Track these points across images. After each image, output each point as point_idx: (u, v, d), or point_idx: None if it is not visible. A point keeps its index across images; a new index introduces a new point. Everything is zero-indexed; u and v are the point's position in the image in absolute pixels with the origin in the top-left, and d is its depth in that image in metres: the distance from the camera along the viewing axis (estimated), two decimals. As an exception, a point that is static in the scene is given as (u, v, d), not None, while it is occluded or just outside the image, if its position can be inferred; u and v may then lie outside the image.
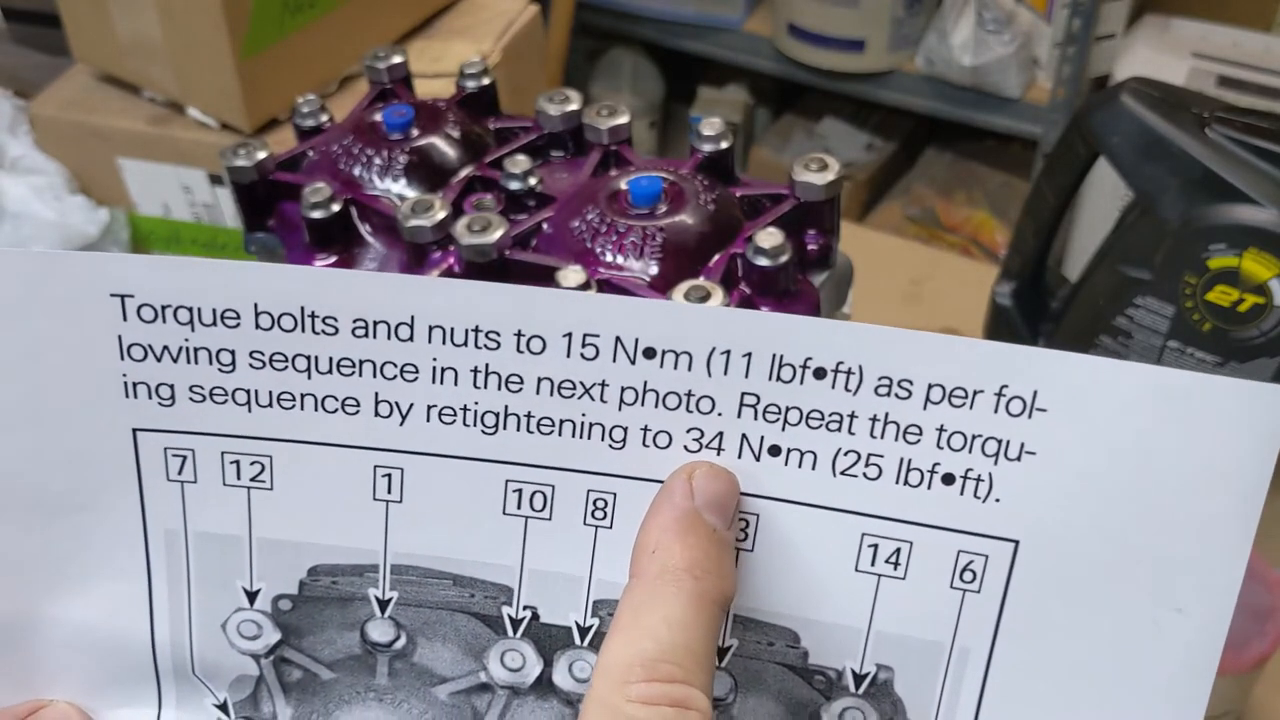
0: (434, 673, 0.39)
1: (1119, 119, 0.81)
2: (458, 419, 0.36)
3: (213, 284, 0.35)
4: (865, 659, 0.36)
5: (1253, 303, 0.77)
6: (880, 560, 0.35)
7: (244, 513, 0.38)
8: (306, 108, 0.65)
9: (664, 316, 0.34)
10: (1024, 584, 0.34)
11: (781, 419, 0.34)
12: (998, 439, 0.33)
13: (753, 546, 0.35)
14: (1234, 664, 0.68)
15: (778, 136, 2.18)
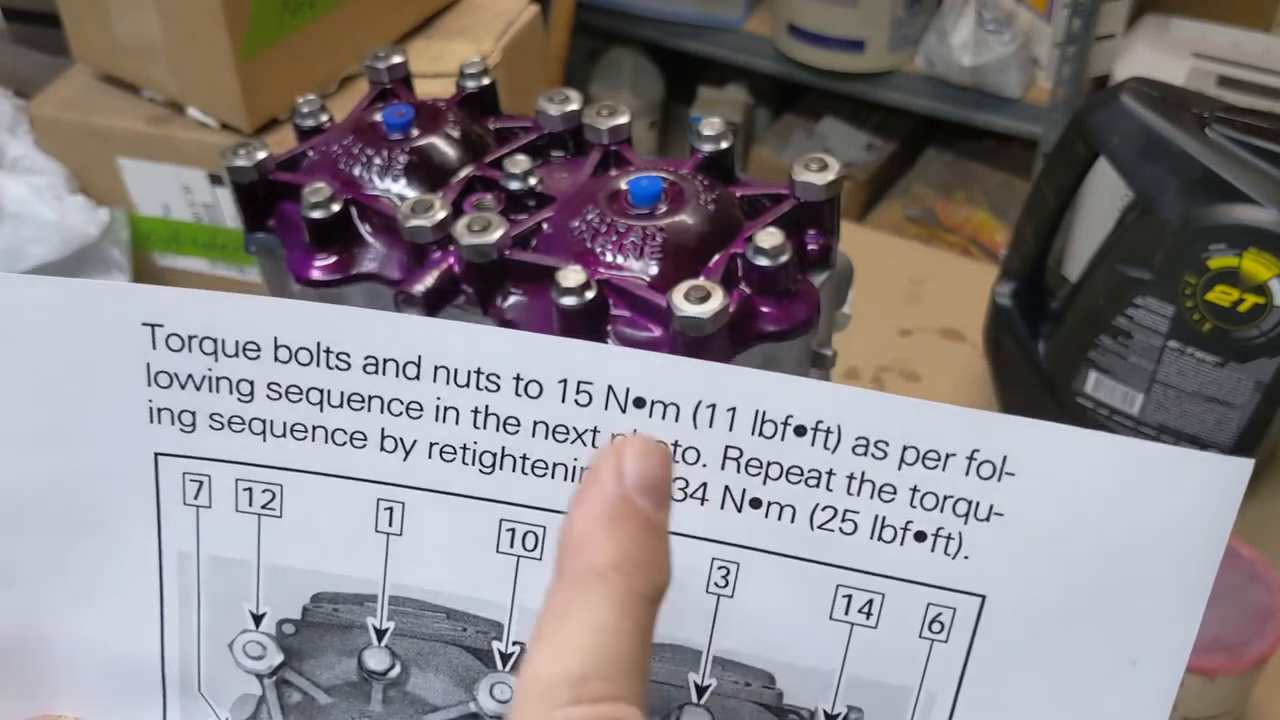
0: (426, 701, 0.40)
1: (1119, 119, 0.81)
2: (457, 457, 0.37)
3: (237, 317, 0.37)
4: (837, 701, 0.37)
5: (1253, 303, 0.77)
6: (853, 610, 0.36)
7: (254, 538, 0.40)
8: (306, 108, 0.65)
9: (655, 368, 0.36)
10: (989, 636, 0.36)
11: (763, 473, 0.36)
12: (968, 500, 0.35)
13: (733, 593, 0.37)
14: (1234, 664, 0.68)
15: (778, 136, 2.18)
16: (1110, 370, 0.86)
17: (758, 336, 0.53)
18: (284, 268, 0.60)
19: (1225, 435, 0.84)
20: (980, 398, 0.97)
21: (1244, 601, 0.71)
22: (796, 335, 0.53)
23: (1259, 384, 0.80)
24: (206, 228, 1.05)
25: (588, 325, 0.51)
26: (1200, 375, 0.82)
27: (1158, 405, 0.85)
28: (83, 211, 1.03)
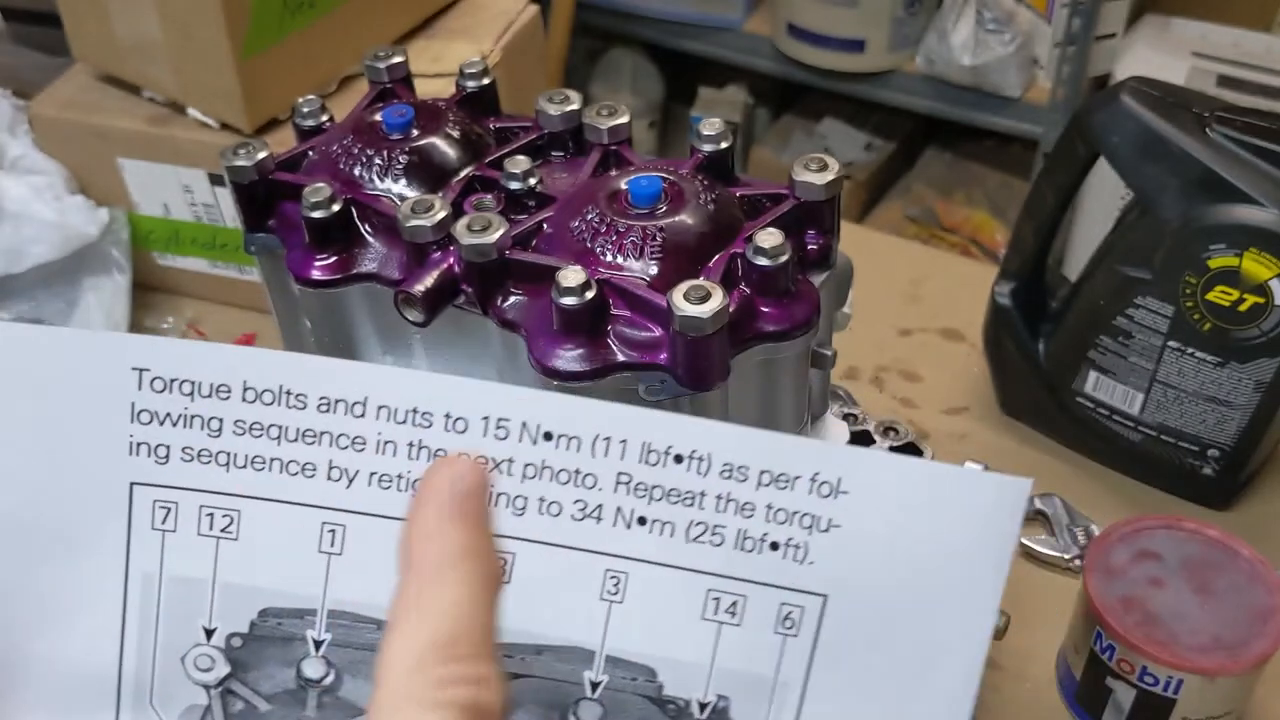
0: (356, 706, 0.45)
1: (1119, 119, 0.81)
2: (394, 485, 0.43)
3: (212, 362, 0.43)
4: (708, 690, 0.43)
5: (1253, 303, 0.77)
6: (721, 610, 0.43)
7: (212, 559, 0.45)
8: (306, 108, 0.65)
9: (561, 407, 0.42)
10: (831, 629, 0.42)
11: (648, 495, 0.42)
12: (812, 515, 0.41)
13: (623, 599, 0.43)
14: (1235, 664, 0.68)
15: (778, 136, 2.18)
16: (1110, 370, 0.86)
17: (758, 336, 0.53)
18: (284, 267, 0.60)
19: (1225, 435, 0.84)
20: (980, 397, 0.97)
21: (1244, 601, 0.71)
22: (796, 335, 0.53)
23: (1259, 384, 0.80)
24: (206, 227, 1.04)
25: (588, 325, 0.51)
26: (1200, 375, 0.82)
27: (1158, 405, 0.85)
28: (83, 211, 1.03)
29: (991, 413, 0.97)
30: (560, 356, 0.51)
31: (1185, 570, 0.72)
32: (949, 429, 0.95)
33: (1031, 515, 0.88)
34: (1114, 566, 0.73)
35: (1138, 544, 0.74)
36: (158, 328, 1.07)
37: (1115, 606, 0.70)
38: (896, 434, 0.68)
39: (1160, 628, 0.69)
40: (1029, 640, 0.79)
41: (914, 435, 0.67)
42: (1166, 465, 0.88)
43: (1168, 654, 0.68)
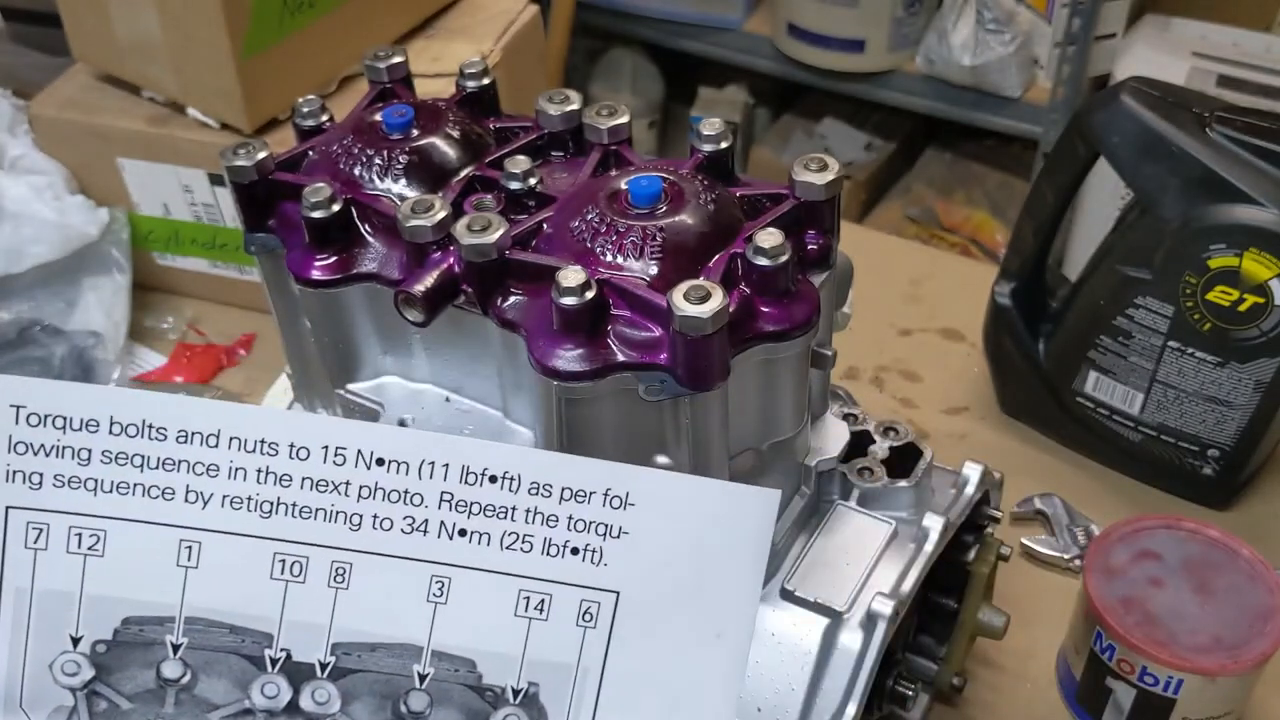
0: (210, 702, 0.51)
1: (1119, 119, 0.81)
2: (244, 506, 0.50)
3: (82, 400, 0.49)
4: (520, 678, 0.49)
5: (1253, 303, 0.77)
6: (531, 608, 0.49)
7: (79, 574, 0.50)
8: (306, 108, 0.65)
9: (390, 438, 0.50)
10: (624, 621, 0.49)
11: (468, 510, 0.49)
12: (605, 524, 0.48)
13: (447, 601, 0.49)
14: (1235, 664, 0.68)
15: (778, 136, 2.18)
16: (1110, 370, 0.86)
17: (758, 336, 0.53)
18: (284, 267, 0.60)
19: (1225, 435, 0.84)
20: (980, 397, 0.97)
21: (1244, 601, 0.71)
22: (796, 335, 0.53)
23: (1259, 384, 0.80)
24: (206, 227, 1.04)
25: (588, 325, 0.51)
26: (1200, 375, 0.82)
27: (1158, 405, 0.85)
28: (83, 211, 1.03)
29: (991, 413, 0.97)
30: (560, 356, 0.51)
31: (1185, 570, 0.72)
32: (949, 429, 0.95)
33: (1031, 515, 0.88)
34: (1114, 566, 0.73)
35: (1138, 544, 0.74)
36: (158, 327, 1.07)
37: (1115, 606, 0.70)
38: (896, 434, 0.68)
39: (1160, 628, 0.69)
40: (1029, 640, 0.79)
41: (914, 435, 0.67)
42: (1166, 465, 0.88)
43: (1168, 654, 0.68)
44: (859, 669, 0.58)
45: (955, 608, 0.71)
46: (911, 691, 0.68)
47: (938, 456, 0.67)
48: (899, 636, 0.69)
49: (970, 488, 0.66)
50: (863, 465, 0.66)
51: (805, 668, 0.59)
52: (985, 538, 0.71)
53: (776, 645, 0.60)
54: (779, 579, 0.62)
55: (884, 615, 0.58)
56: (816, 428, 0.65)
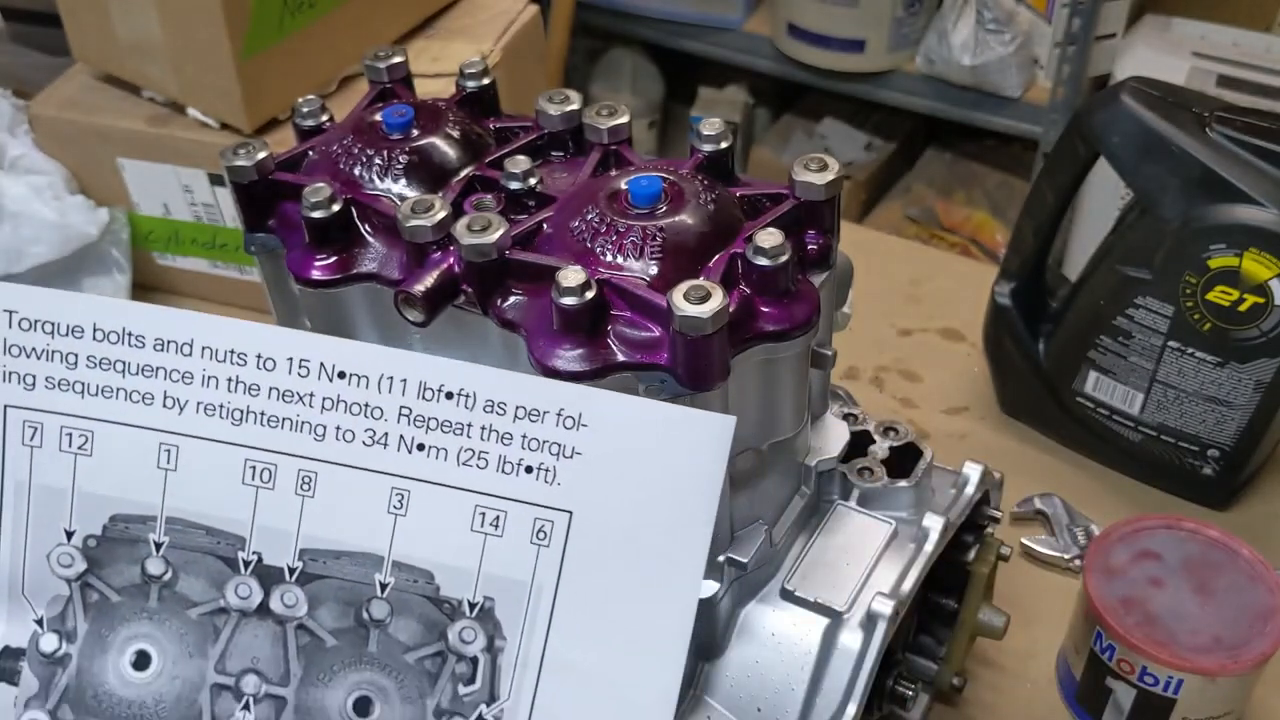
0: (189, 599, 0.53)
1: (1119, 119, 0.81)
2: (216, 413, 0.52)
3: (68, 308, 0.53)
4: (477, 592, 0.50)
5: (1253, 303, 0.77)
6: (486, 524, 0.50)
7: (71, 472, 0.54)
8: (306, 108, 0.65)
9: (350, 351, 0.51)
10: (577, 542, 0.49)
11: (425, 426, 0.50)
12: (559, 444, 0.49)
13: (406, 513, 0.51)
14: (1235, 664, 0.68)
15: (778, 136, 2.18)
16: (1110, 370, 0.86)
17: (758, 336, 0.53)
18: (284, 267, 0.60)
19: (1225, 435, 0.84)
20: (980, 397, 0.97)
21: (1244, 601, 0.71)
22: (796, 335, 0.53)
23: (1259, 384, 0.80)
24: (206, 227, 1.04)
25: (588, 325, 0.51)
26: (1200, 375, 0.82)
27: (1158, 405, 0.85)
28: (83, 211, 1.03)
29: (991, 413, 0.97)
30: (560, 356, 0.51)
31: (1185, 570, 0.72)
32: (949, 429, 0.95)
33: (1031, 515, 0.88)
34: (1114, 566, 0.73)
35: (1138, 544, 0.74)
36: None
37: (1115, 606, 0.70)
38: (896, 434, 0.68)
39: (1160, 628, 0.69)
40: (1029, 640, 0.79)
41: (914, 435, 0.68)
42: (1166, 465, 0.88)
43: (1168, 654, 0.68)
44: (859, 669, 0.58)
45: (955, 608, 0.71)
46: (911, 691, 0.68)
47: (938, 456, 0.67)
48: (899, 636, 0.69)
49: (970, 488, 0.66)
50: (863, 465, 0.66)
51: (805, 668, 0.59)
52: (985, 538, 0.71)
53: (776, 645, 0.60)
54: (779, 579, 0.62)
55: (884, 615, 0.58)
56: (816, 428, 0.65)
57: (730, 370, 0.51)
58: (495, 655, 0.50)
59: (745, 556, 0.59)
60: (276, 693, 0.52)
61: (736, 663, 0.61)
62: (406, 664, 0.51)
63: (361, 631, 0.52)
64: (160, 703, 0.53)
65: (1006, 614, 0.72)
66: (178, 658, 0.53)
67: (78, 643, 0.54)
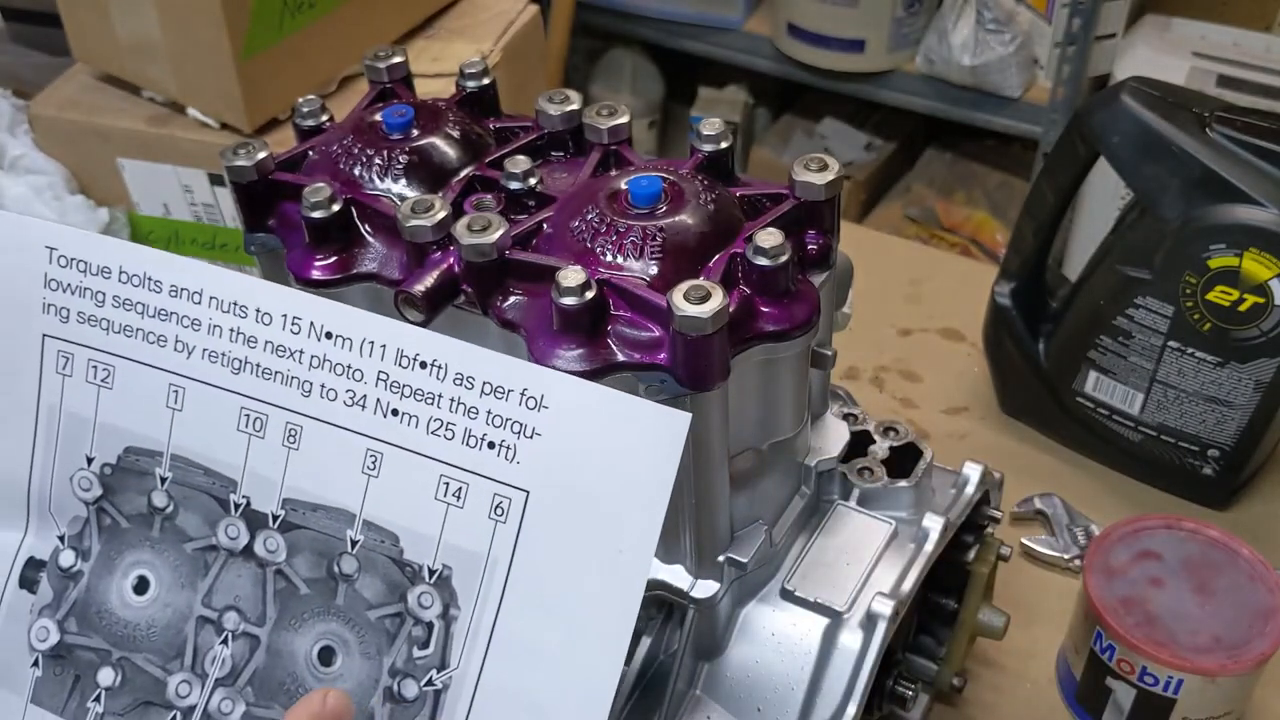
0: (186, 534, 0.56)
1: (1119, 119, 0.81)
2: (218, 361, 0.54)
3: (101, 249, 0.56)
4: (436, 559, 0.52)
5: (1253, 303, 0.77)
6: (449, 494, 0.51)
7: (94, 402, 0.57)
8: (306, 108, 0.65)
9: (337, 313, 0.53)
10: (532, 521, 0.50)
11: (400, 392, 0.52)
12: (520, 422, 0.50)
13: (378, 475, 0.53)
14: (1235, 664, 0.68)
15: (778, 136, 2.18)
16: (1110, 370, 0.86)
17: (758, 336, 0.53)
18: (284, 267, 0.60)
19: (1225, 435, 0.84)
20: (980, 397, 0.97)
21: (1244, 601, 0.71)
22: (796, 335, 0.53)
23: (1259, 384, 0.80)
24: (206, 227, 1.04)
25: (588, 325, 0.51)
26: (1200, 375, 0.82)
27: (1158, 405, 0.85)
28: (83, 211, 1.03)
29: (991, 413, 0.97)
30: (560, 356, 0.51)
31: (1185, 570, 0.72)
32: (949, 429, 0.95)
33: (1031, 515, 0.88)
34: (1114, 566, 0.73)
35: (1138, 544, 0.74)
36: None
37: (1115, 606, 0.70)
38: (896, 434, 0.68)
39: (1160, 628, 0.69)
40: (1029, 640, 0.79)
41: (914, 435, 0.68)
42: (1166, 465, 0.88)
43: (1168, 654, 0.68)
44: (859, 669, 0.58)
45: (955, 608, 0.71)
46: (911, 691, 0.68)
47: (938, 456, 0.67)
48: (899, 636, 0.69)
49: (970, 488, 0.66)
50: (863, 465, 0.66)
51: (805, 668, 0.59)
52: (985, 538, 0.71)
53: (776, 645, 0.60)
54: (779, 579, 0.62)
55: (884, 615, 0.58)
56: (816, 428, 0.65)
57: (730, 370, 0.51)
58: (449, 623, 0.52)
59: (745, 556, 0.59)
60: (252, 631, 0.55)
61: (736, 663, 0.61)
62: (369, 620, 0.53)
63: (331, 583, 0.54)
64: (151, 627, 0.56)
65: (1006, 614, 0.72)
66: (172, 586, 0.56)
67: (90, 561, 0.58)
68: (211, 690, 0.55)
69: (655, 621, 0.62)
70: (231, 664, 0.55)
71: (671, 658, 0.61)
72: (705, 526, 0.57)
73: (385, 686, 0.53)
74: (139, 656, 0.56)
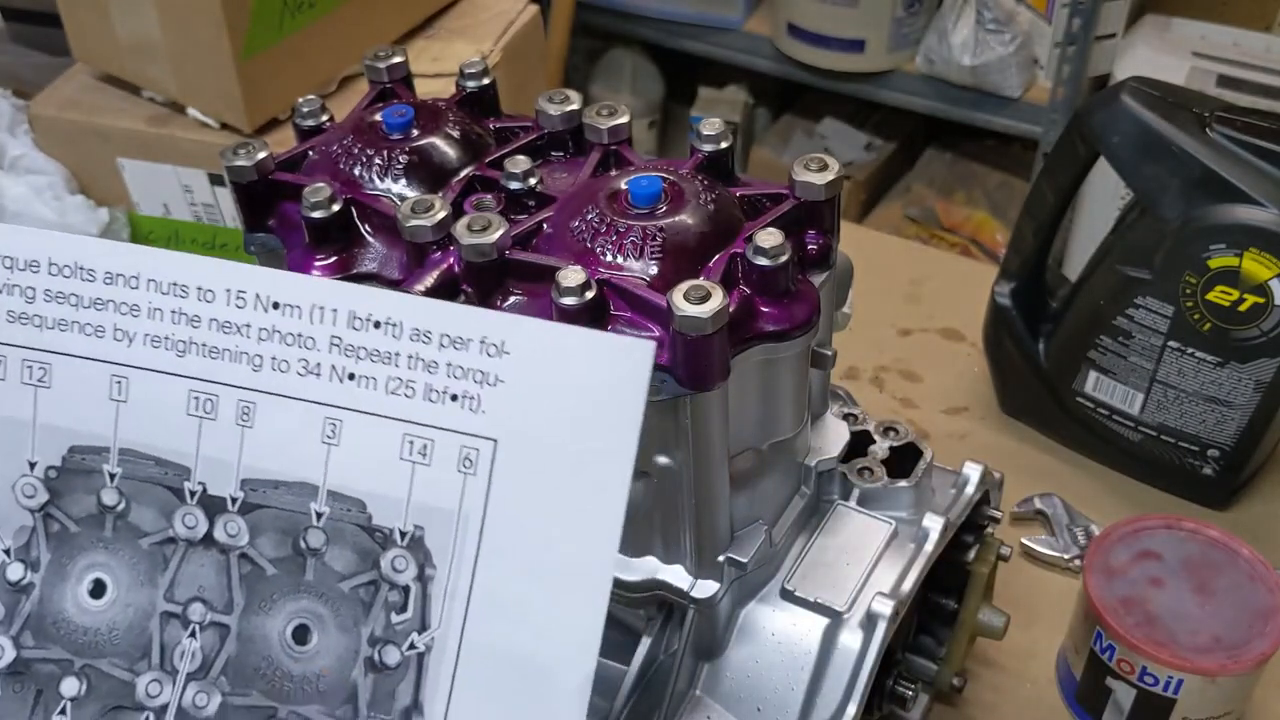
0: (140, 529, 0.55)
1: (1119, 119, 0.81)
2: (162, 345, 0.53)
3: (26, 243, 0.54)
4: (407, 520, 0.51)
5: (1253, 303, 0.77)
6: (415, 452, 0.51)
7: (32, 403, 0.55)
8: (306, 108, 0.65)
9: (283, 282, 0.52)
10: (502, 470, 0.50)
11: (355, 355, 0.51)
12: (482, 371, 0.49)
13: (339, 443, 0.52)
14: (1235, 664, 0.68)
15: (778, 136, 2.18)
16: (1110, 370, 0.86)
17: (758, 336, 0.53)
18: (284, 267, 0.60)
19: (1225, 435, 0.84)
20: (980, 397, 0.98)
21: (1244, 601, 0.71)
22: (796, 335, 0.53)
23: (1259, 384, 0.80)
24: (206, 227, 1.05)
25: (587, 325, 0.51)
26: (1200, 375, 0.82)
27: (1158, 405, 0.85)
28: (83, 211, 1.03)
29: (991, 413, 0.97)
30: (560, 356, 0.51)
31: (1185, 570, 0.72)
32: (949, 429, 0.95)
33: (1031, 515, 0.88)
34: (1114, 566, 0.73)
35: (1138, 544, 0.74)
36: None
37: (1115, 606, 0.70)
38: (896, 434, 0.68)
39: (1160, 628, 0.69)
40: (1029, 640, 0.79)
41: (914, 435, 0.68)
42: (1166, 465, 0.88)
43: (1168, 654, 0.68)
44: (859, 669, 0.58)
45: (955, 608, 0.71)
46: (911, 691, 0.68)
47: (938, 456, 0.67)
48: (899, 636, 0.69)
49: (970, 488, 0.66)
50: (863, 465, 0.66)
51: (805, 668, 0.59)
52: (985, 538, 0.71)
53: (776, 645, 0.60)
54: (779, 579, 0.62)
55: (884, 615, 0.58)
56: (816, 428, 0.65)
57: (730, 370, 0.52)
58: (426, 584, 0.51)
59: (745, 556, 0.59)
60: (221, 620, 0.54)
61: (736, 663, 0.61)
62: (342, 592, 0.52)
63: (299, 560, 0.53)
64: (114, 630, 0.55)
65: (1006, 614, 0.72)
66: (130, 586, 0.55)
67: (41, 571, 0.56)
68: (184, 686, 0.54)
69: (655, 621, 0.62)
70: (202, 656, 0.54)
71: (671, 658, 0.61)
72: (705, 526, 0.57)
73: (366, 657, 0.52)
74: (103, 662, 0.55)
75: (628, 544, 0.60)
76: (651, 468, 0.56)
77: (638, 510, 0.58)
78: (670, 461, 0.55)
